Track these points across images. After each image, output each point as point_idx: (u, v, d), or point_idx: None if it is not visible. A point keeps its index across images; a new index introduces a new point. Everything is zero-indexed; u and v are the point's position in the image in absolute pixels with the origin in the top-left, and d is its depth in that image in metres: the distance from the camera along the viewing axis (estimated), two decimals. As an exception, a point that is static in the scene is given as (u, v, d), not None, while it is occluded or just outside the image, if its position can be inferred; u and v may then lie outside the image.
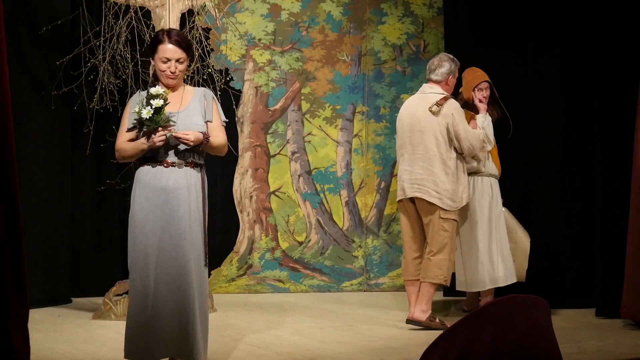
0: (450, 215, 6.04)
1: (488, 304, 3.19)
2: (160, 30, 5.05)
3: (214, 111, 4.59)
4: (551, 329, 3.33)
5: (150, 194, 4.42)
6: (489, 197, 6.49)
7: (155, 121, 4.29)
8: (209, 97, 4.59)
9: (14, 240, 4.04)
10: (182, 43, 4.50)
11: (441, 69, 6.16)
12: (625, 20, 6.35)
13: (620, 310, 6.02)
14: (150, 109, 4.28)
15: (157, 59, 4.49)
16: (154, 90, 4.34)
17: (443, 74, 6.15)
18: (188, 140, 4.37)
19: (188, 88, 4.62)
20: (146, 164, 4.46)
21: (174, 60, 4.47)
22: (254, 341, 5.57)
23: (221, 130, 4.60)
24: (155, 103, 4.29)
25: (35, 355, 4.69)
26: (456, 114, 6.05)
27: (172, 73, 4.48)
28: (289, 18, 7.89)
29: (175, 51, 4.47)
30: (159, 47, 4.48)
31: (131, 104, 4.53)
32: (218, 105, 4.65)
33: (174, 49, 4.47)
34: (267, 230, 7.85)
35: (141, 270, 4.39)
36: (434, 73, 6.17)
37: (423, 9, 8.08)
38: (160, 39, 4.49)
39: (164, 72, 4.48)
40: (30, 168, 6.75)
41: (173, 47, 4.47)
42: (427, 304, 6.02)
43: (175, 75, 4.49)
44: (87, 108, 6.76)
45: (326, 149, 7.94)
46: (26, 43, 6.77)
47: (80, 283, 7.37)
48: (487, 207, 6.46)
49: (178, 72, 4.49)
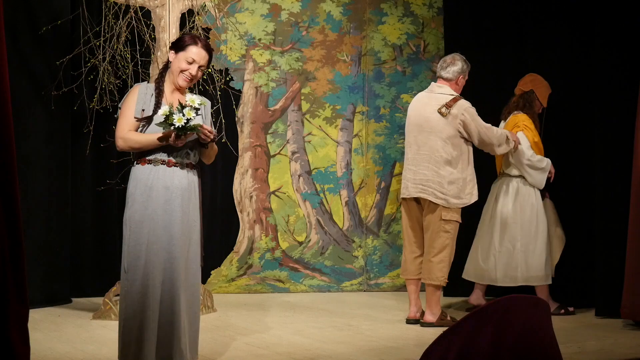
0: (452, 216, 6.06)
1: (488, 304, 3.19)
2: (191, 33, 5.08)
3: (208, 121, 4.61)
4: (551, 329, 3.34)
5: (152, 193, 4.41)
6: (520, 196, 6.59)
7: (185, 130, 4.29)
8: (207, 107, 4.61)
9: (14, 240, 4.04)
10: (210, 51, 4.55)
11: (453, 67, 6.19)
12: (625, 20, 6.35)
13: (620, 311, 6.02)
14: (183, 116, 4.26)
15: (182, 57, 4.48)
16: (191, 98, 4.35)
17: (455, 72, 6.18)
18: (210, 135, 4.40)
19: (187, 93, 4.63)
20: (147, 163, 4.45)
21: (197, 65, 4.49)
22: (254, 341, 5.57)
23: None
24: (188, 113, 4.27)
25: (35, 355, 4.70)
26: (467, 114, 6.08)
27: (192, 75, 4.50)
28: (289, 18, 7.89)
29: (204, 56, 4.50)
30: (190, 47, 4.48)
31: (138, 95, 4.49)
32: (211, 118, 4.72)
33: (203, 53, 4.50)
34: (267, 230, 7.84)
35: (142, 271, 4.37)
36: (445, 70, 6.19)
37: (423, 9, 8.08)
38: (192, 40, 4.51)
39: (183, 72, 4.48)
40: (30, 168, 6.75)
41: (202, 52, 4.49)
42: (436, 306, 6.10)
43: (193, 79, 4.52)
44: (87, 108, 6.76)
45: (326, 149, 7.95)
46: (26, 43, 6.77)
47: (80, 283, 7.37)
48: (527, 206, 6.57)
49: (197, 77, 4.52)
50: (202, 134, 4.36)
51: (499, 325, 3.12)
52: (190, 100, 4.34)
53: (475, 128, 6.08)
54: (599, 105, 6.55)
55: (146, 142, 4.41)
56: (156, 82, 4.53)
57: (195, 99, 4.36)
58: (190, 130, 4.30)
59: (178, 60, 4.49)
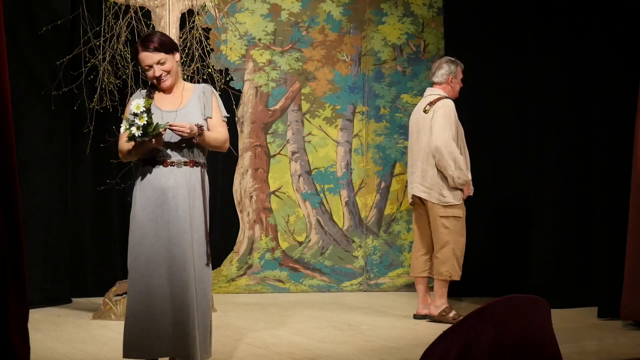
0: (449, 212, 6.23)
1: (488, 304, 3.19)
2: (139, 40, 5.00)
3: (214, 107, 4.54)
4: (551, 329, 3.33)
5: (150, 194, 4.42)
6: None
7: (148, 135, 4.27)
8: (208, 93, 4.54)
9: (14, 240, 4.04)
10: (155, 45, 4.43)
11: (440, 70, 6.46)
12: (626, 21, 6.35)
13: (620, 311, 6.01)
14: (139, 125, 4.22)
15: (142, 68, 4.51)
16: (135, 105, 4.27)
17: (443, 75, 6.44)
18: (183, 131, 4.34)
19: (188, 85, 4.58)
20: (147, 164, 4.47)
21: (154, 65, 4.43)
22: (254, 341, 5.57)
23: (222, 126, 4.55)
24: (140, 120, 4.24)
25: (35, 355, 4.69)
26: (442, 108, 6.24)
27: (158, 77, 4.45)
28: (289, 18, 7.88)
29: (151, 56, 4.42)
30: (138, 58, 4.46)
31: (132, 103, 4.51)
32: (218, 100, 4.59)
33: (148, 54, 4.42)
34: (267, 230, 7.84)
35: (142, 270, 4.38)
36: (435, 75, 6.49)
37: (423, 9, 8.08)
38: (137, 48, 4.48)
39: (153, 79, 4.48)
40: (30, 168, 6.75)
41: (147, 53, 4.42)
42: (440, 300, 6.29)
43: (162, 78, 4.46)
44: (87, 108, 6.75)
45: (326, 149, 7.94)
46: (26, 43, 6.77)
47: (80, 283, 7.37)
48: None
49: (164, 73, 4.45)
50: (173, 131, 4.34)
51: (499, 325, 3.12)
52: (135, 107, 4.26)
53: (439, 125, 6.18)
54: (600, 105, 6.55)
55: (136, 150, 4.41)
56: (147, 89, 4.54)
57: (139, 103, 4.26)
58: (155, 133, 4.26)
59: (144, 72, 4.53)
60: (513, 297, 3.25)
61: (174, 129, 4.33)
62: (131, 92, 6.41)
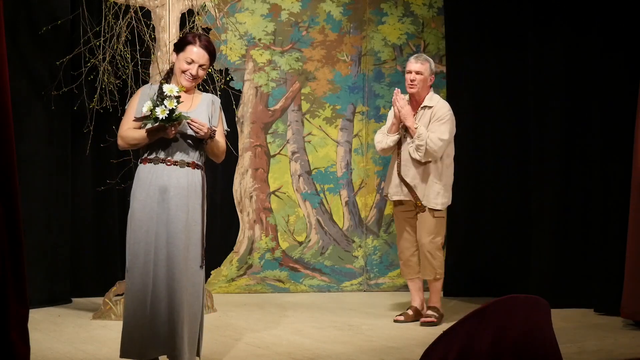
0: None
1: (488, 304, 3.20)
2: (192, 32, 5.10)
3: (219, 119, 4.66)
4: (551, 329, 3.34)
5: (150, 192, 4.44)
6: None
7: (171, 120, 4.31)
8: (217, 104, 4.66)
9: (14, 240, 4.04)
10: (210, 49, 4.56)
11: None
12: (626, 21, 6.35)
13: (620, 310, 6.02)
14: (165, 108, 4.27)
15: (182, 58, 4.52)
16: (168, 88, 4.33)
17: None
18: (202, 129, 4.41)
19: (197, 92, 4.68)
20: (148, 162, 4.48)
21: (197, 64, 4.52)
22: (254, 341, 5.57)
23: (223, 137, 4.67)
24: (169, 103, 4.28)
25: (35, 355, 4.70)
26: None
27: (192, 75, 4.53)
28: (289, 18, 7.88)
29: (202, 56, 4.52)
30: (187, 47, 4.52)
31: (141, 96, 4.54)
32: (222, 114, 4.73)
33: (202, 53, 4.52)
34: (267, 230, 7.84)
35: (141, 269, 4.40)
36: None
37: (423, 9, 8.08)
38: (190, 40, 4.54)
39: (184, 73, 4.52)
40: (30, 168, 6.74)
41: (201, 51, 4.51)
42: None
43: (195, 78, 4.54)
44: (87, 108, 6.75)
45: (326, 149, 7.94)
46: (26, 43, 6.77)
47: (80, 283, 7.36)
48: None
49: (198, 76, 4.54)
50: (192, 126, 4.39)
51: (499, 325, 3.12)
52: (168, 90, 4.32)
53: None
54: (599, 105, 6.55)
55: (140, 137, 4.46)
56: (160, 83, 4.55)
57: (173, 88, 4.33)
58: (177, 120, 4.31)
59: (179, 61, 4.54)
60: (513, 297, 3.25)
61: (194, 125, 4.41)
62: (131, 92, 6.41)
